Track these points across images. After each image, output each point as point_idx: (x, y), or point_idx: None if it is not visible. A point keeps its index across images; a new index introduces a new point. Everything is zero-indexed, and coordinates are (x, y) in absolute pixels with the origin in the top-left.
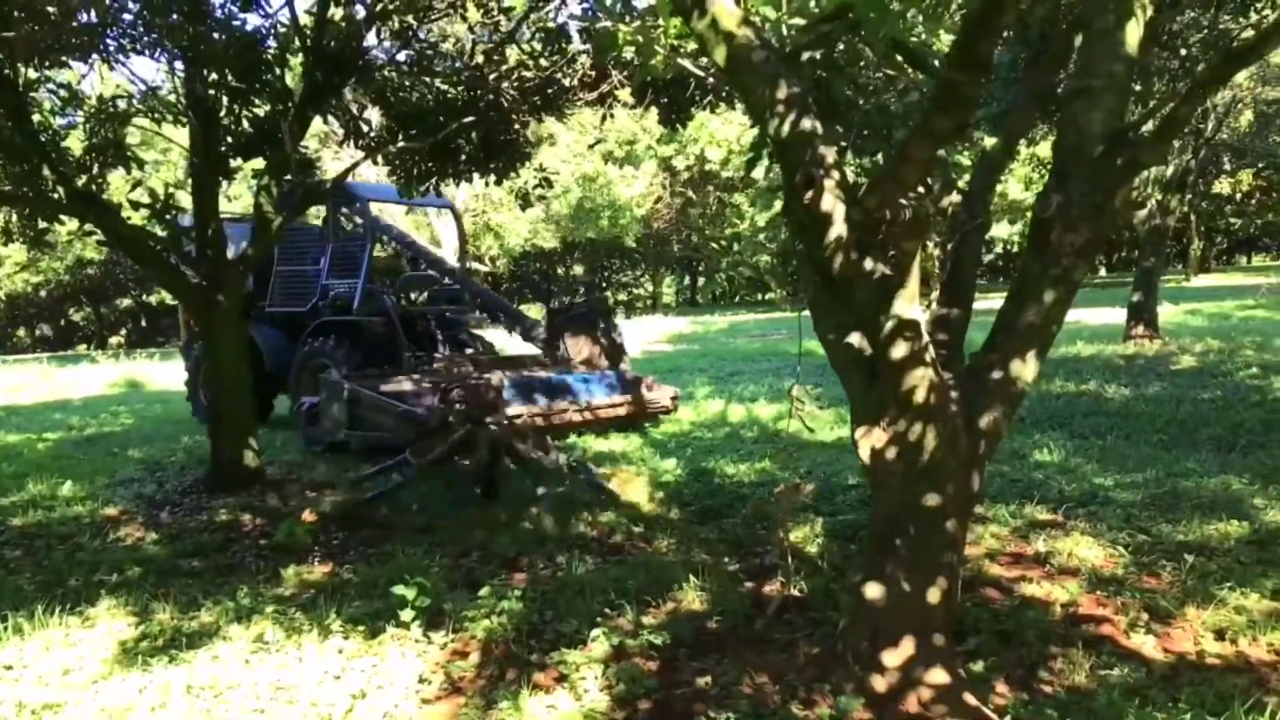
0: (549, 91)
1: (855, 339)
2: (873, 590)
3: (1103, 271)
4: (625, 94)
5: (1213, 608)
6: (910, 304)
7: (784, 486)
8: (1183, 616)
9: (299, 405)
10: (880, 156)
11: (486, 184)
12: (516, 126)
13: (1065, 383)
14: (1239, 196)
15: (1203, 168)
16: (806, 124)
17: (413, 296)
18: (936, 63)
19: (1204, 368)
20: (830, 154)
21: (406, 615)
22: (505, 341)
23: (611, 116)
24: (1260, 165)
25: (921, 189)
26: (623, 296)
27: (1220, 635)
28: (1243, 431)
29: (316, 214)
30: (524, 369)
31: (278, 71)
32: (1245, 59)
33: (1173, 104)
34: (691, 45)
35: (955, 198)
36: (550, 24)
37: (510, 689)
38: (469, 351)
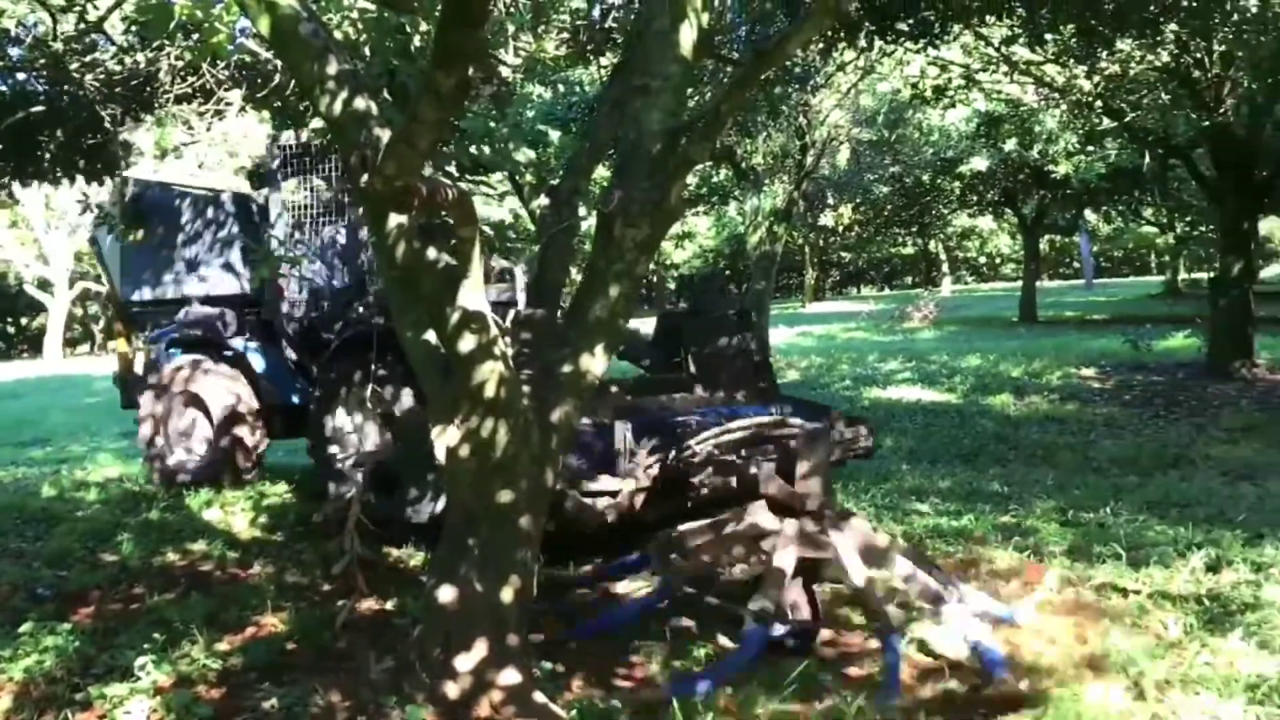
0: (134, 84)
1: (430, 334)
2: (445, 594)
3: None
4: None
5: None
6: (475, 294)
7: (351, 496)
8: None
9: (353, 463)
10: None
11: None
12: (107, 125)
13: None
14: (841, 229)
15: (810, 201)
16: (360, 103)
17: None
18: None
19: (805, 381)
20: (386, 135)
21: None
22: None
23: (219, 117)
24: (858, 201)
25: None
26: None
27: None
28: None
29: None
30: (638, 401)
31: None
32: (775, 56)
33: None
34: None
35: (544, 200)
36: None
37: None
38: None
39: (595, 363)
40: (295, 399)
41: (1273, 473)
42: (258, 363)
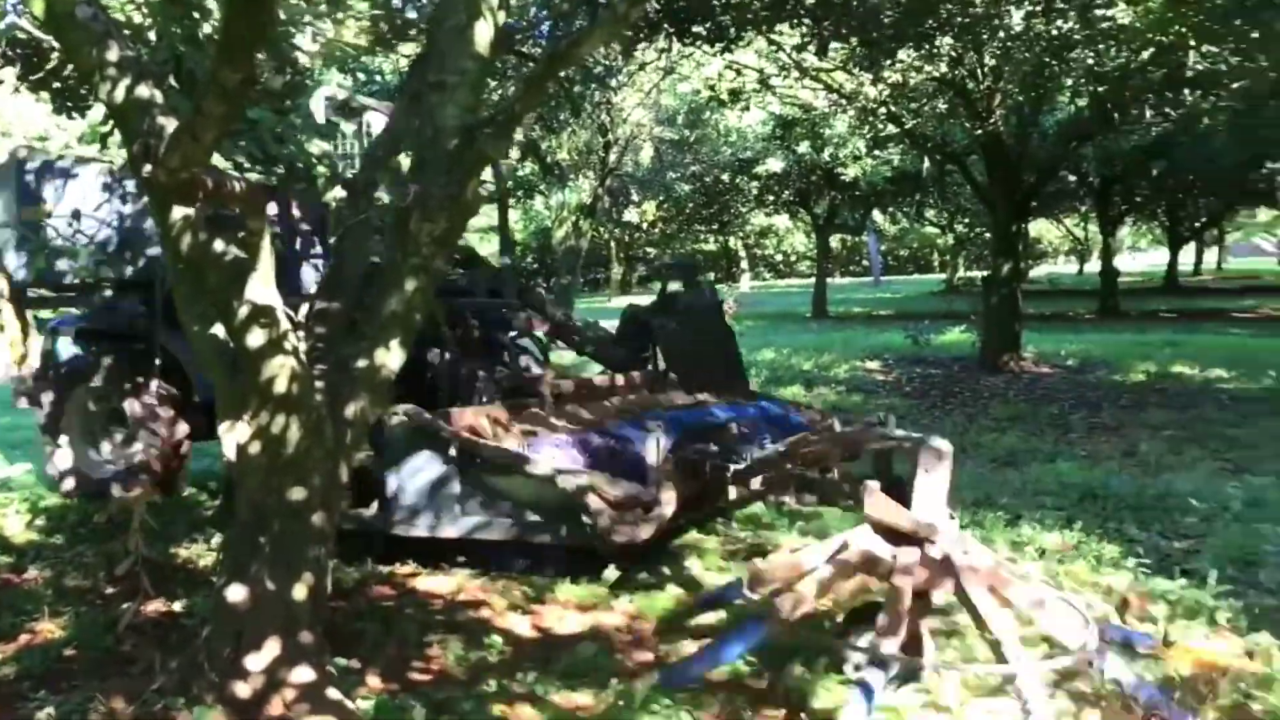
0: None
1: (218, 328)
2: (236, 593)
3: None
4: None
5: (583, 585)
6: (265, 288)
7: (135, 494)
8: (554, 597)
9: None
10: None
11: None
12: None
13: None
14: (645, 225)
15: (614, 196)
16: (144, 91)
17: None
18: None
19: None
20: (171, 124)
21: None
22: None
23: None
24: (661, 198)
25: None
26: None
27: (583, 609)
28: None
29: None
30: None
31: None
32: (566, 59)
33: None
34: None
35: (340, 192)
36: None
37: None
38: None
39: (390, 357)
40: None
41: (1034, 459)
42: (180, 356)
